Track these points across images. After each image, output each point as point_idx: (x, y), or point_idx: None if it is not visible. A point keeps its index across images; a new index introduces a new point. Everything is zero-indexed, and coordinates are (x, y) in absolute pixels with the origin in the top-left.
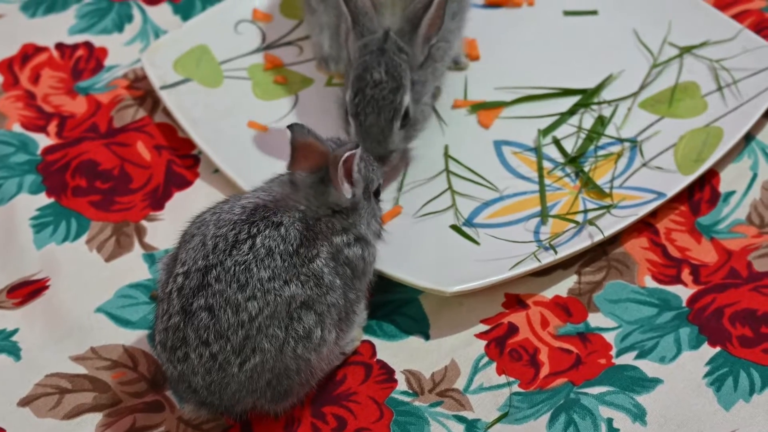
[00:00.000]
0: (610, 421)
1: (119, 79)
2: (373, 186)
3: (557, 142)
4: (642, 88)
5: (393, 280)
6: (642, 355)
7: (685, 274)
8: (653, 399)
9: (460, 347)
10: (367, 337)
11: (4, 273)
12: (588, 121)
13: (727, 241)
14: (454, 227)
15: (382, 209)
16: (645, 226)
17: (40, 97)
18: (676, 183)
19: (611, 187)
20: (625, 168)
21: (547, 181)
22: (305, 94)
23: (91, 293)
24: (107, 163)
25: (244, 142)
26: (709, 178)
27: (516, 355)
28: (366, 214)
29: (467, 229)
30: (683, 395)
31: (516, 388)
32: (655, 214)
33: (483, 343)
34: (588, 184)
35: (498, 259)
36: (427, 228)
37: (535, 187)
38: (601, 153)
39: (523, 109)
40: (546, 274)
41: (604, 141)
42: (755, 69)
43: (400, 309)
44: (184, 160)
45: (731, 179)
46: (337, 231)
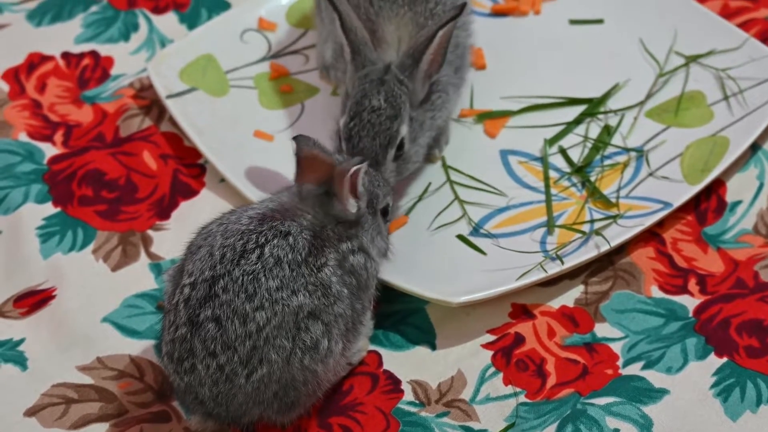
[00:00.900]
0: None
1: (125, 89)
2: (380, 203)
3: (563, 152)
4: (648, 97)
5: (399, 290)
6: (649, 365)
7: (692, 284)
8: (660, 410)
9: (467, 357)
10: (373, 347)
11: (10, 283)
12: (594, 130)
13: (733, 251)
14: (460, 237)
15: (387, 230)
16: (651, 235)
17: (47, 107)
18: (683, 193)
19: (618, 197)
20: (631, 178)
21: (554, 190)
22: (311, 104)
23: (98, 303)
24: (113, 173)
25: (250, 151)
26: (716, 187)
27: (522, 366)
28: (371, 229)
29: (474, 239)
30: (690, 406)
31: (523, 398)
32: (661, 224)
33: (489, 353)
34: (594, 194)
35: (504, 269)
36: (434, 238)
37: (542, 196)
38: (607, 162)
39: (530, 119)
40: (553, 284)
41: (610, 150)
42: (761, 78)
43: (407, 319)
44: (190, 169)
45: (738, 189)
46: (342, 238)
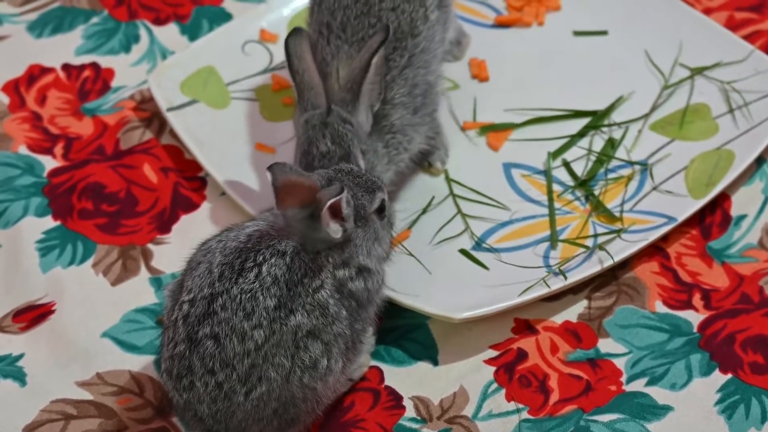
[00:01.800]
0: None
1: (126, 101)
2: (369, 209)
3: (567, 165)
4: (653, 110)
5: (401, 306)
6: (653, 381)
7: (696, 299)
8: (664, 427)
9: (469, 373)
10: (375, 362)
11: (9, 297)
12: (598, 143)
13: (738, 265)
14: (463, 252)
15: (392, 226)
16: (655, 250)
17: (47, 119)
18: (687, 207)
19: (621, 211)
20: (635, 191)
21: (557, 204)
22: None
23: (97, 318)
24: (114, 186)
25: (252, 164)
26: (721, 201)
27: (525, 382)
28: (365, 242)
29: (477, 253)
30: (694, 423)
31: (525, 414)
32: (665, 238)
33: (492, 369)
34: (598, 207)
35: (507, 284)
36: (436, 253)
37: (545, 210)
38: (611, 176)
39: (533, 131)
40: (556, 299)
41: (614, 164)
42: (766, 91)
43: (409, 334)
44: (191, 182)
45: (743, 203)
46: (338, 264)
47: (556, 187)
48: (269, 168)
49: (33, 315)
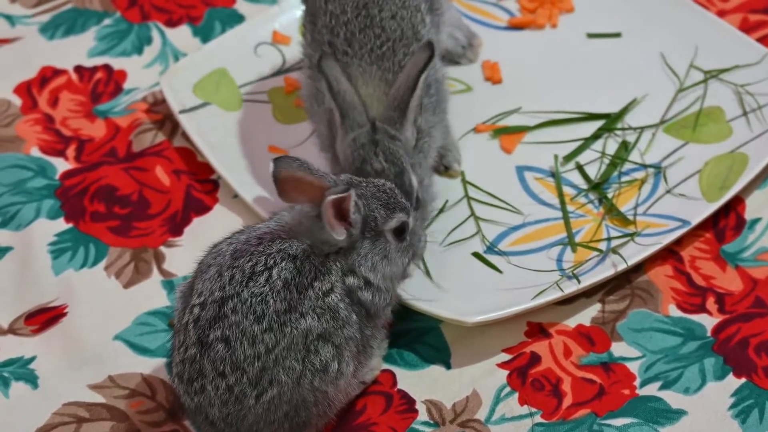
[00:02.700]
0: None
1: (138, 103)
2: (382, 224)
3: (580, 168)
4: (667, 112)
5: (413, 309)
6: (666, 385)
7: (710, 303)
8: (677, 431)
9: (482, 377)
10: (387, 366)
11: (21, 299)
12: (611, 146)
13: (752, 269)
14: (476, 255)
15: (414, 255)
16: (669, 253)
17: (59, 121)
18: (701, 210)
19: (635, 215)
20: (649, 194)
21: (571, 207)
22: None
23: (110, 320)
24: (126, 188)
25: (264, 166)
26: (734, 204)
27: (538, 385)
28: (370, 254)
29: (489, 257)
30: (708, 427)
31: (538, 418)
32: (679, 242)
33: (505, 372)
34: (612, 211)
35: (520, 288)
36: (448, 256)
37: (558, 213)
38: (624, 179)
39: (546, 134)
40: (569, 302)
41: (627, 167)
42: None
43: (421, 337)
44: (203, 185)
45: (757, 206)
46: (346, 271)
47: (570, 190)
48: (274, 161)
49: (45, 318)
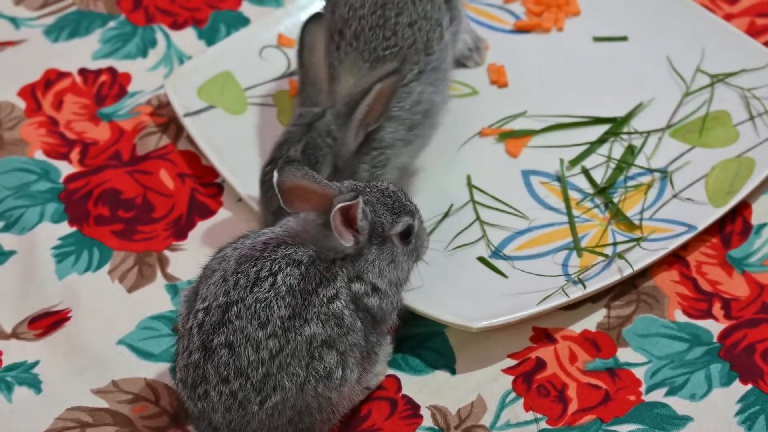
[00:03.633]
0: None
1: (142, 106)
2: (389, 230)
3: (586, 172)
4: (673, 117)
5: (418, 314)
6: (672, 391)
7: (716, 309)
8: None
9: (487, 382)
10: (392, 371)
11: (25, 303)
12: (617, 150)
13: (759, 274)
14: (481, 260)
15: (417, 257)
16: (675, 258)
17: (63, 124)
18: (707, 215)
19: (641, 219)
20: (655, 199)
21: (577, 212)
22: None
23: (113, 325)
24: (130, 192)
25: None
26: (741, 209)
27: (544, 391)
28: (378, 260)
29: (495, 261)
30: None
31: (544, 424)
32: (685, 247)
33: (510, 378)
34: (618, 215)
35: (525, 293)
36: (453, 261)
37: (564, 218)
38: (630, 183)
39: (552, 138)
40: (574, 307)
41: (633, 171)
42: None
43: (426, 343)
44: (207, 188)
45: (763, 211)
46: (352, 277)
47: (576, 195)
48: (278, 169)
49: (48, 322)
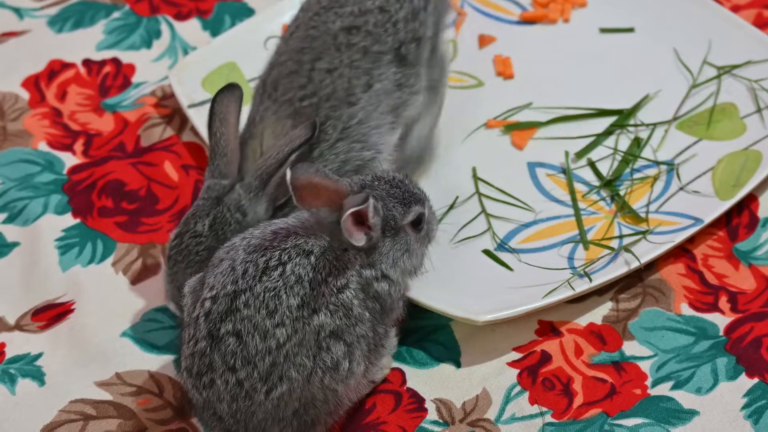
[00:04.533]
0: None
1: (147, 97)
2: (401, 221)
3: (592, 165)
4: (679, 109)
5: (424, 307)
6: (678, 385)
7: (723, 302)
8: (689, 431)
9: (492, 376)
10: (397, 364)
11: (28, 296)
12: (624, 142)
13: (765, 267)
14: (486, 252)
15: (429, 241)
16: (681, 251)
17: (67, 115)
18: (714, 208)
19: (647, 212)
20: (661, 192)
21: (582, 204)
22: None
23: (117, 317)
24: (134, 183)
25: None
26: (748, 202)
27: (549, 384)
28: (392, 252)
29: (500, 254)
30: (720, 428)
31: (549, 418)
32: (691, 240)
33: (515, 371)
34: (624, 208)
35: (531, 286)
36: (459, 254)
37: (570, 210)
38: (637, 176)
39: (558, 130)
40: (580, 300)
41: (640, 163)
42: None
43: (431, 336)
44: None
45: None
46: (365, 264)
47: (581, 187)
48: (291, 167)
49: (52, 314)
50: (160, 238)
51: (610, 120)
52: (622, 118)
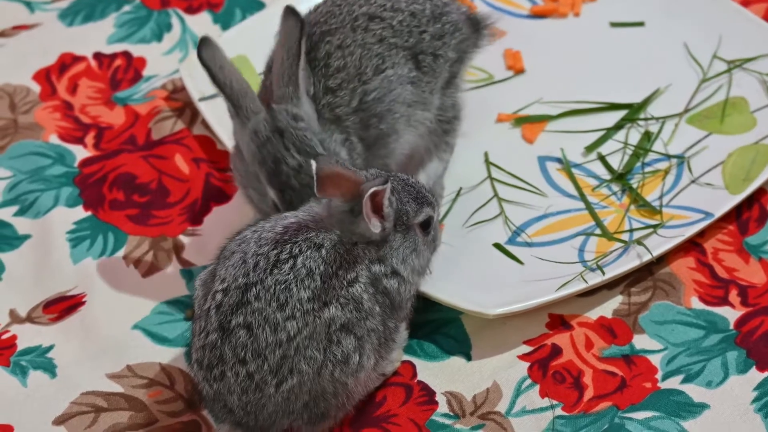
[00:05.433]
0: None
1: (157, 90)
2: (412, 218)
3: (602, 159)
4: (690, 103)
5: (434, 300)
6: (688, 379)
7: (733, 296)
8: (699, 425)
9: (503, 369)
10: (407, 357)
11: (40, 288)
12: (634, 136)
13: None
14: (497, 246)
15: (435, 248)
16: (692, 245)
17: (78, 108)
18: (724, 202)
19: (660, 206)
20: (671, 186)
21: (593, 199)
22: None
23: (128, 309)
24: (145, 176)
25: None
26: (758, 196)
27: (559, 378)
28: (401, 247)
29: (511, 248)
30: (730, 421)
31: (559, 411)
32: (702, 234)
33: (526, 364)
34: (637, 201)
35: (542, 279)
36: (469, 248)
37: (580, 204)
38: (647, 170)
39: (568, 124)
40: (590, 294)
41: (650, 157)
42: None
43: (442, 329)
44: (222, 173)
45: None
46: (374, 259)
47: (592, 181)
48: (314, 158)
49: (63, 306)
50: (171, 231)
51: (620, 114)
52: (633, 111)
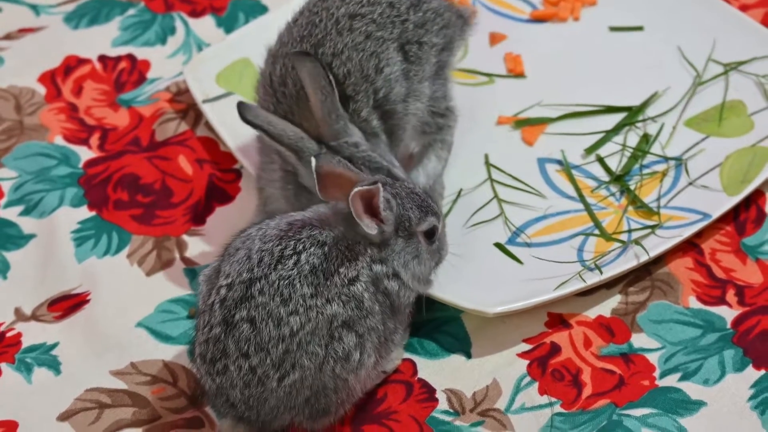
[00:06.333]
0: None
1: (162, 92)
2: (415, 225)
3: (601, 160)
4: (686, 106)
5: (434, 299)
6: (686, 377)
7: (730, 295)
8: (696, 422)
9: (502, 366)
10: (408, 355)
11: (44, 286)
12: (633, 139)
13: None
14: (498, 245)
15: (439, 260)
16: (689, 245)
17: (83, 110)
18: (722, 204)
19: (658, 207)
20: (670, 187)
21: (592, 200)
22: None
23: (132, 308)
24: (149, 177)
25: None
26: (755, 197)
27: (558, 375)
28: (404, 252)
29: (511, 247)
30: (727, 418)
31: (558, 408)
32: (699, 234)
33: (525, 362)
34: (636, 202)
35: (541, 278)
36: (470, 247)
37: (580, 205)
38: (645, 172)
39: (568, 126)
40: (589, 293)
41: (648, 159)
42: None
43: (442, 327)
44: (225, 174)
45: None
46: (376, 259)
47: (591, 183)
48: (315, 157)
49: (68, 304)
50: (174, 230)
51: (619, 117)
52: (632, 114)
